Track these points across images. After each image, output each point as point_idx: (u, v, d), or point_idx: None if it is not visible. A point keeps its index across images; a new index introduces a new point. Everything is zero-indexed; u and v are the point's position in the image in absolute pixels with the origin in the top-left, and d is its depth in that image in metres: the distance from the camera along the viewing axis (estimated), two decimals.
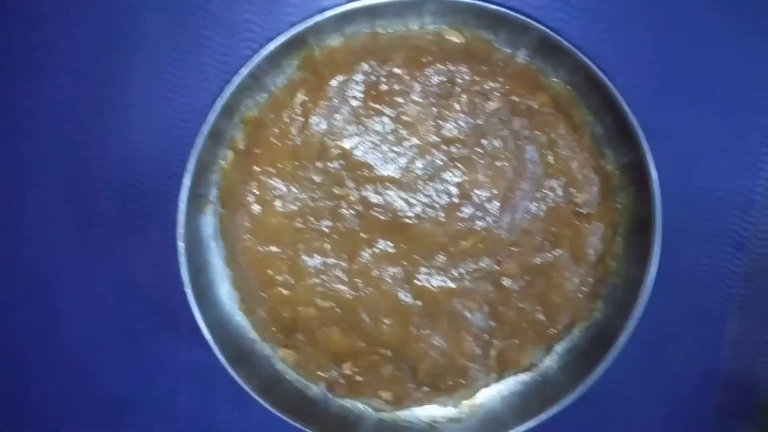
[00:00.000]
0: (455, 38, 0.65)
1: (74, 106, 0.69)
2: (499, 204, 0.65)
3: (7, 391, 0.74)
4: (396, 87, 0.64)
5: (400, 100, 0.64)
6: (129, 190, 0.70)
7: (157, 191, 0.70)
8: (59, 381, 0.74)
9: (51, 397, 0.74)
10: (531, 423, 0.66)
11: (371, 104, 0.64)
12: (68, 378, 0.74)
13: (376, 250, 0.65)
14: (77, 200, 0.71)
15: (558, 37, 0.61)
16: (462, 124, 0.64)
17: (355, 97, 0.64)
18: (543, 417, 0.66)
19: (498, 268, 0.66)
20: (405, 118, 0.64)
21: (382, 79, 0.64)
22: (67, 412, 0.75)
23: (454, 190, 0.65)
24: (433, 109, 0.64)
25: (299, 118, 0.64)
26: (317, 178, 0.65)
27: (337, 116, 0.64)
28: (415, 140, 0.64)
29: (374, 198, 0.65)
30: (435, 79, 0.64)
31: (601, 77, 0.61)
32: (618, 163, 0.66)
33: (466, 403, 0.69)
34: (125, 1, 0.68)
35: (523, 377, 0.69)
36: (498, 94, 0.64)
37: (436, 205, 0.65)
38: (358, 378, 0.67)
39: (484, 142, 0.64)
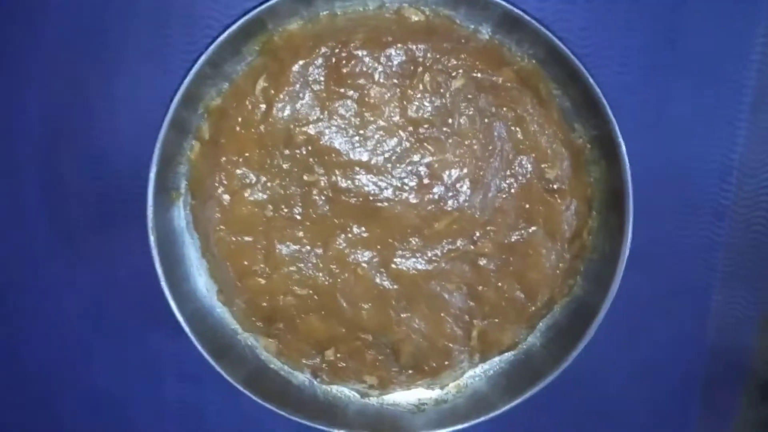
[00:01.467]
0: (415, 16, 0.64)
1: (39, 104, 0.69)
2: (469, 183, 0.64)
3: None
4: (357, 69, 0.63)
5: (362, 82, 0.63)
6: (100, 186, 0.70)
7: (129, 186, 0.69)
8: (44, 380, 0.74)
9: (36, 397, 0.75)
10: (517, 400, 0.66)
11: (334, 88, 0.63)
12: (53, 376, 0.74)
13: (350, 235, 0.65)
14: (48, 200, 0.71)
15: (518, 11, 0.60)
16: (427, 104, 0.64)
17: (316, 81, 0.63)
18: (529, 394, 0.65)
19: (473, 248, 0.65)
20: (369, 100, 0.63)
21: (343, 61, 0.63)
22: (54, 410, 0.75)
23: (423, 171, 0.64)
24: (397, 89, 0.63)
25: (262, 105, 0.64)
26: (285, 166, 0.64)
27: (301, 102, 0.63)
28: (380, 122, 0.64)
29: (344, 183, 0.64)
30: (397, 59, 0.63)
31: (562, 49, 0.60)
32: (588, 136, 0.65)
33: (452, 384, 0.69)
34: None
35: (508, 356, 0.69)
36: (462, 72, 0.63)
37: (407, 188, 0.64)
38: (342, 364, 0.67)
39: (451, 121, 0.64)
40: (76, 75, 0.68)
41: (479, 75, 0.63)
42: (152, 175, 0.63)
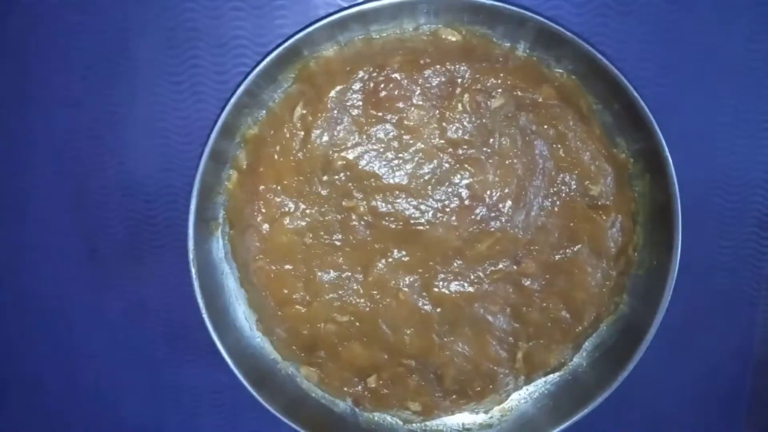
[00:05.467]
0: (452, 37, 0.63)
1: (72, 137, 0.69)
2: (511, 203, 0.63)
3: (28, 420, 0.74)
4: (395, 92, 0.62)
5: (400, 105, 0.63)
6: (135, 218, 0.70)
7: (165, 217, 0.69)
8: (81, 411, 0.74)
9: (72, 426, 0.74)
10: (565, 424, 0.64)
11: (372, 112, 0.63)
12: (89, 407, 0.74)
13: (391, 260, 0.64)
14: (84, 231, 0.70)
15: (557, 26, 0.60)
16: (466, 124, 0.63)
17: (354, 106, 0.63)
18: (577, 417, 0.64)
19: (517, 268, 0.64)
20: (407, 123, 0.63)
21: (381, 85, 0.62)
22: None
23: (464, 192, 0.63)
24: (436, 111, 0.63)
25: (300, 132, 0.63)
26: (324, 192, 0.64)
27: (339, 127, 0.63)
28: (419, 145, 0.63)
29: (383, 207, 0.63)
30: (435, 81, 0.62)
31: (604, 63, 0.60)
32: (631, 150, 0.64)
33: (496, 407, 0.68)
34: (114, 28, 0.67)
35: (553, 377, 0.68)
36: (501, 91, 0.63)
37: (448, 210, 0.63)
38: (385, 391, 0.66)
39: (491, 140, 0.63)
40: (106, 102, 0.68)
41: (519, 93, 0.63)
42: (192, 207, 0.62)
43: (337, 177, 0.63)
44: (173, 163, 0.68)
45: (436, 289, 0.64)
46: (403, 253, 0.64)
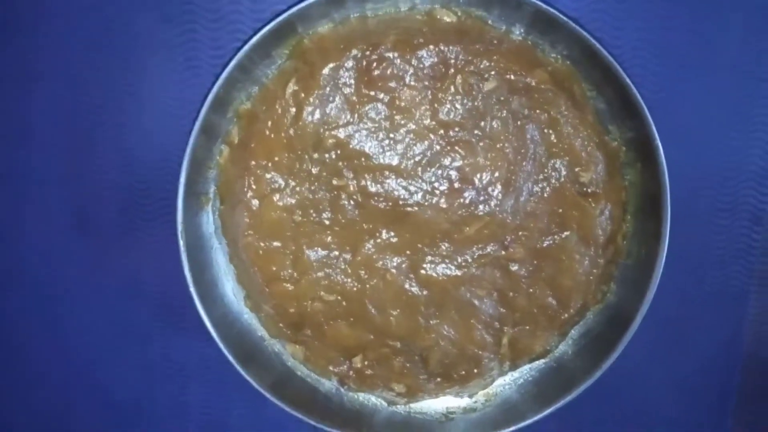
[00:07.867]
0: (447, 18, 0.63)
1: (66, 109, 0.69)
2: (501, 187, 0.63)
3: (16, 394, 0.75)
4: (388, 71, 0.62)
5: (393, 84, 0.62)
6: (128, 190, 0.70)
7: (157, 190, 0.69)
8: (69, 383, 0.74)
9: (60, 399, 0.74)
10: (549, 410, 0.64)
11: (364, 91, 0.62)
12: (78, 380, 0.74)
13: (379, 241, 0.64)
14: (75, 204, 0.70)
15: (552, 10, 0.59)
16: (458, 106, 0.63)
17: (347, 85, 0.62)
18: (560, 403, 0.64)
19: (504, 253, 0.64)
20: (399, 103, 0.62)
21: (374, 64, 0.62)
22: (77, 414, 0.75)
23: (454, 175, 0.63)
24: (428, 92, 0.62)
25: (292, 108, 0.63)
26: (314, 170, 0.64)
27: (331, 105, 0.63)
28: (411, 126, 0.63)
29: (373, 187, 0.63)
30: (428, 61, 0.62)
31: (599, 49, 0.59)
32: (623, 138, 0.64)
33: (481, 392, 0.68)
34: (111, 0, 0.67)
35: (538, 364, 0.68)
36: (494, 74, 0.62)
37: (437, 192, 0.63)
38: (369, 371, 0.66)
39: (483, 123, 0.63)
40: (102, 77, 0.68)
41: (512, 77, 0.62)
42: (182, 180, 0.62)
43: (327, 155, 0.63)
44: (167, 137, 0.68)
45: (423, 272, 0.64)
46: (392, 234, 0.64)
